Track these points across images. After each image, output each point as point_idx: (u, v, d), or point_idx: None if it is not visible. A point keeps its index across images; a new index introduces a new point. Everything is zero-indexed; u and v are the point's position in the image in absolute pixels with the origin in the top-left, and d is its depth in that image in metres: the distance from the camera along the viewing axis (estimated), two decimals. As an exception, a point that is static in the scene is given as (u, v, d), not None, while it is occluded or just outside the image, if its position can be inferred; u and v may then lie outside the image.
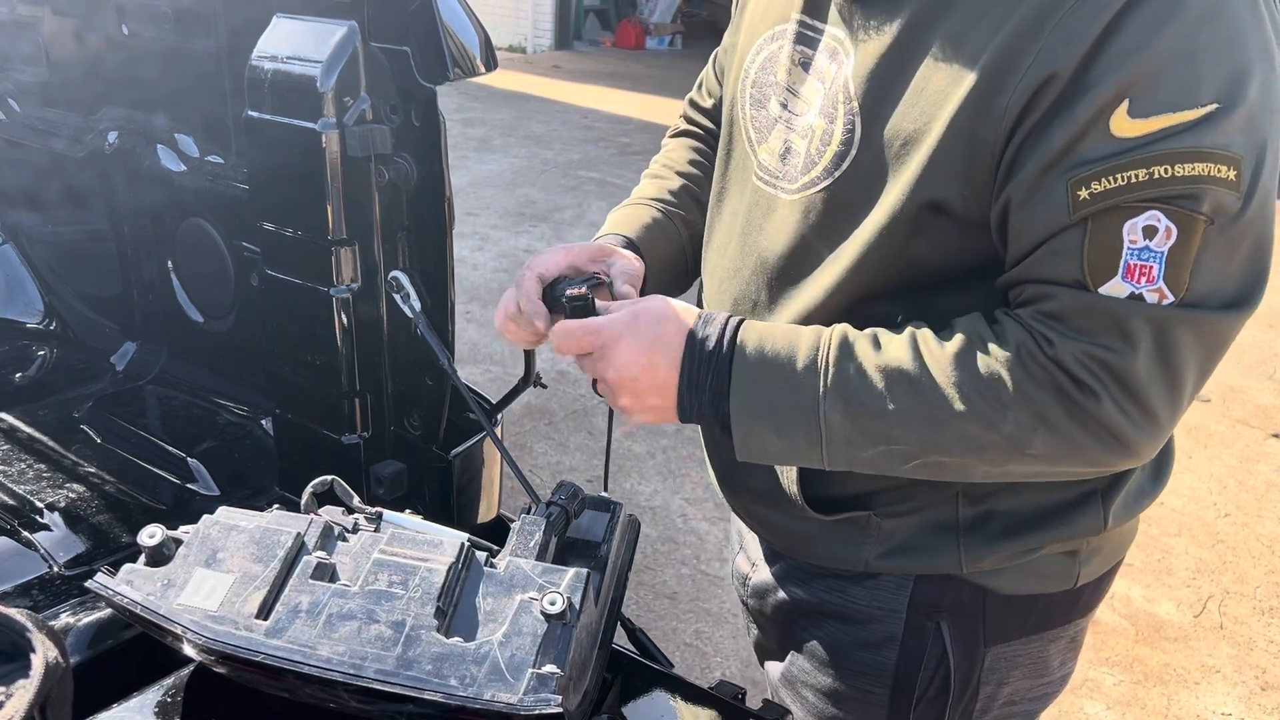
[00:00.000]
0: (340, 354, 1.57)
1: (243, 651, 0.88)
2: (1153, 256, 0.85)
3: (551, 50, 13.50)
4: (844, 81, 1.01)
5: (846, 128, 1.00)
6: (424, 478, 1.63)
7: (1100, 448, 0.93)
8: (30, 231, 2.46)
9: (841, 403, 0.96)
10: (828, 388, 0.97)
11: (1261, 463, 4.09)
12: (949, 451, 0.97)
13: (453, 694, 0.84)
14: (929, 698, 1.19)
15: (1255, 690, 2.88)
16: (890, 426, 0.96)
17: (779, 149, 1.10)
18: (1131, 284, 0.86)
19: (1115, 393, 0.89)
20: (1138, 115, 0.83)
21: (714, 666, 2.82)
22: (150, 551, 0.96)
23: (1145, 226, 0.85)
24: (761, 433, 1.00)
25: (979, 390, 0.93)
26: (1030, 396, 0.91)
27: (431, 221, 1.47)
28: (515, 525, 1.02)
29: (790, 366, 0.98)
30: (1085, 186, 0.85)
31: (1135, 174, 0.83)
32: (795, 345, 0.99)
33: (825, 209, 1.03)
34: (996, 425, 0.93)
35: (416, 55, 1.37)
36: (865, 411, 0.96)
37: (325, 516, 1.00)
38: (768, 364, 0.99)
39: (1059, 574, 1.15)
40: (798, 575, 1.25)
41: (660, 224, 1.31)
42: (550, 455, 3.81)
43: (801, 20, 1.09)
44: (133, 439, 1.99)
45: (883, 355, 0.96)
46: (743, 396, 1.00)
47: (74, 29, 2.12)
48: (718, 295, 1.21)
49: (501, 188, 7.21)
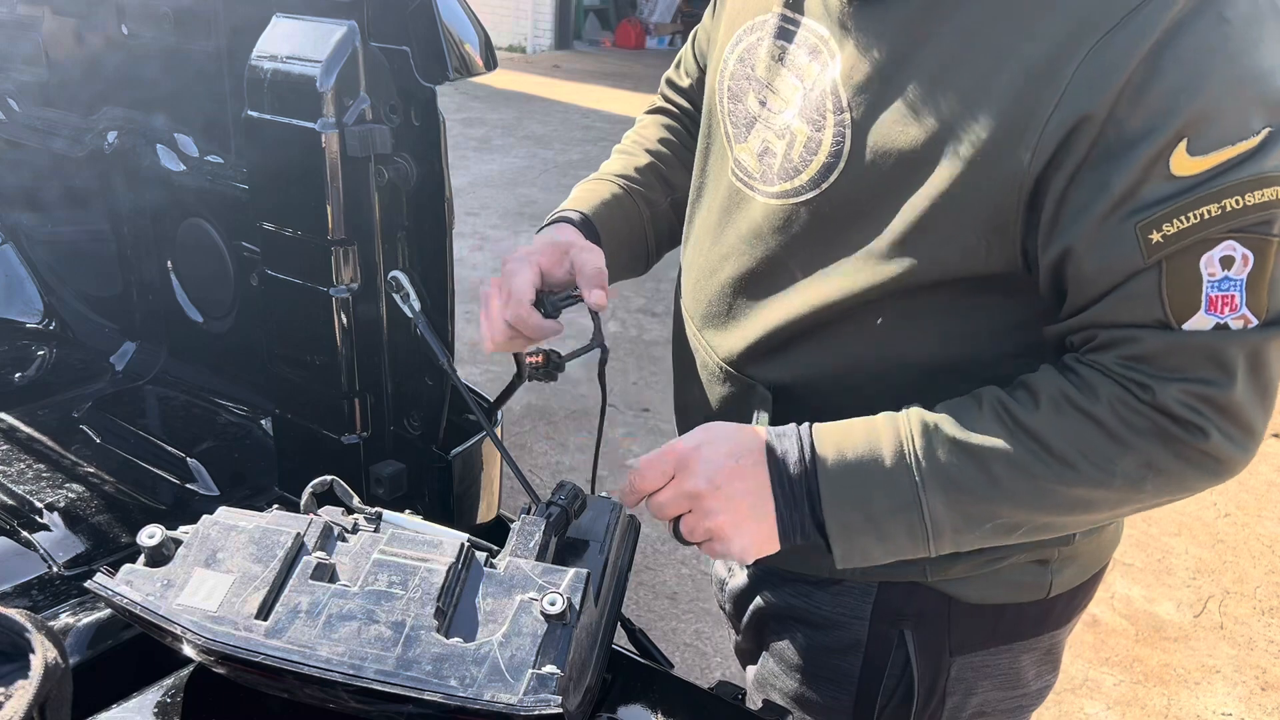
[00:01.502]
0: (340, 354, 1.57)
1: (242, 652, 0.87)
2: (1233, 285, 0.85)
3: (551, 50, 13.51)
4: (831, 86, 0.97)
5: (836, 138, 0.96)
6: (424, 478, 1.63)
7: (1207, 477, 0.93)
8: (30, 231, 2.46)
9: (942, 494, 0.93)
10: (923, 482, 0.93)
11: (1262, 462, 4.09)
12: (1060, 514, 0.96)
13: (452, 694, 0.84)
14: (893, 705, 1.18)
15: (1255, 690, 2.88)
16: (997, 506, 0.94)
17: (757, 148, 1.07)
18: (1216, 315, 0.86)
19: (1221, 424, 0.89)
20: (1197, 153, 0.82)
21: (714, 666, 2.82)
22: (150, 552, 0.95)
23: (1222, 258, 0.84)
24: (863, 542, 0.96)
25: (1082, 453, 0.91)
26: (1136, 448, 0.90)
27: (431, 221, 1.47)
28: (515, 525, 1.02)
29: (879, 468, 0.94)
30: (1157, 229, 0.84)
31: (1208, 210, 0.83)
32: (877, 443, 0.95)
33: (809, 221, 1.01)
34: (1107, 483, 0.92)
35: (416, 55, 1.37)
36: (969, 497, 0.93)
37: (325, 517, 1.00)
38: (854, 471, 0.95)
39: (1029, 583, 1.13)
40: (770, 580, 1.25)
41: (620, 200, 1.29)
42: (550, 455, 3.81)
43: (782, 14, 1.06)
44: (132, 439, 1.99)
45: (972, 435, 0.93)
46: (837, 513, 0.95)
47: (74, 29, 2.11)
48: (693, 295, 1.20)
49: (501, 188, 7.21)
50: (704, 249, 1.17)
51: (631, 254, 1.32)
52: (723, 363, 1.14)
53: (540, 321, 1.10)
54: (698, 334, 1.19)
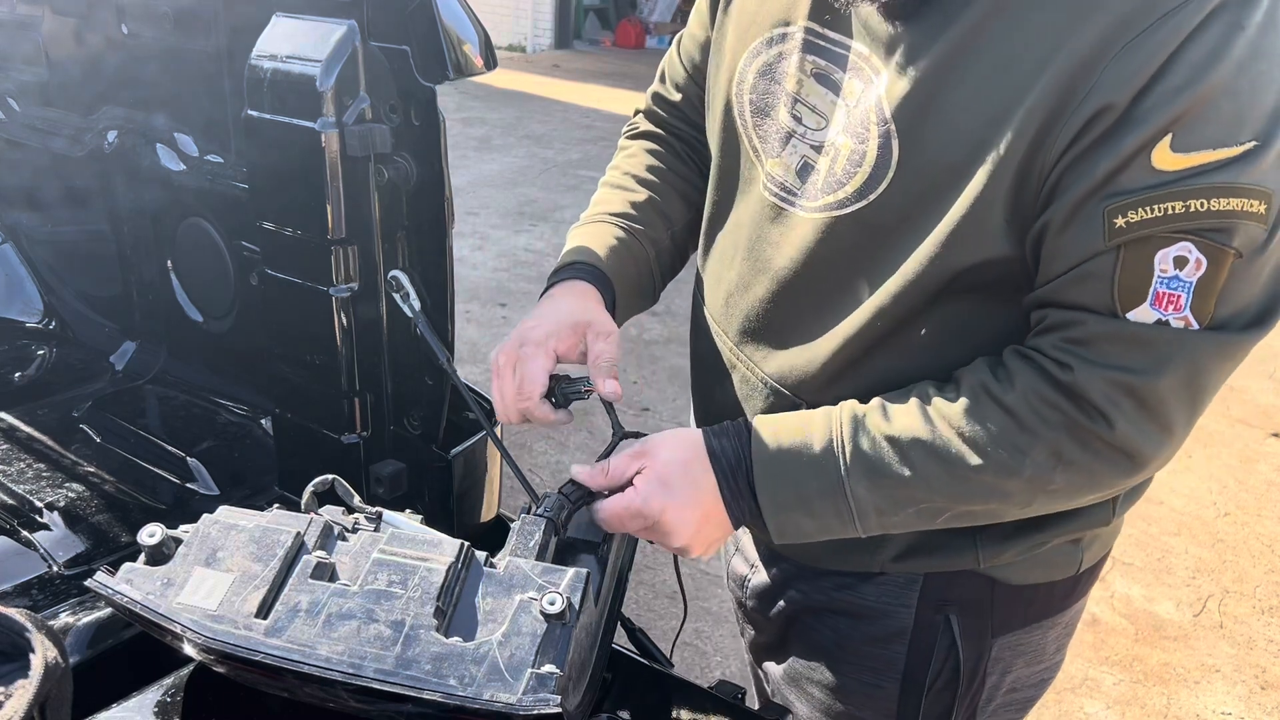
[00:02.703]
0: (340, 353, 1.57)
1: (242, 651, 0.87)
2: (1181, 286, 0.88)
3: (551, 49, 13.50)
4: (875, 102, 0.99)
5: (881, 150, 0.98)
6: (424, 477, 1.63)
7: (1116, 471, 0.97)
8: (30, 231, 2.46)
9: (865, 478, 1.00)
10: (848, 466, 1.00)
11: (1261, 462, 4.09)
12: (976, 502, 1.00)
13: (451, 693, 0.84)
14: (937, 689, 1.20)
15: (1255, 689, 2.88)
16: (915, 490, 0.99)
17: (794, 163, 1.08)
18: (1159, 311, 0.89)
19: (1131, 412, 0.92)
20: (1180, 150, 0.85)
21: (714, 666, 2.82)
22: (150, 550, 0.95)
23: (1176, 257, 0.87)
24: (795, 519, 1.04)
25: (993, 441, 0.96)
26: (1043, 437, 0.94)
27: (431, 221, 1.47)
28: (515, 525, 1.02)
29: (808, 453, 1.02)
30: (1122, 215, 0.87)
31: (1172, 206, 0.85)
32: (808, 430, 1.03)
33: (854, 232, 1.03)
34: (1016, 471, 0.96)
35: (416, 54, 1.37)
36: (888, 481, 0.99)
37: (325, 516, 1.00)
38: (786, 455, 1.03)
39: (1063, 562, 1.17)
40: (803, 575, 1.25)
41: (628, 245, 1.28)
42: (550, 455, 3.81)
43: (809, 28, 1.06)
44: (132, 438, 1.99)
45: (895, 424, 0.99)
46: (770, 491, 1.03)
47: (74, 29, 2.11)
48: (724, 309, 1.20)
49: (501, 187, 7.21)
50: (733, 263, 1.18)
51: (640, 296, 1.32)
52: (769, 378, 1.15)
53: (550, 414, 1.14)
54: (735, 348, 1.20)
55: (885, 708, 1.23)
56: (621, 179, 1.36)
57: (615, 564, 1.09)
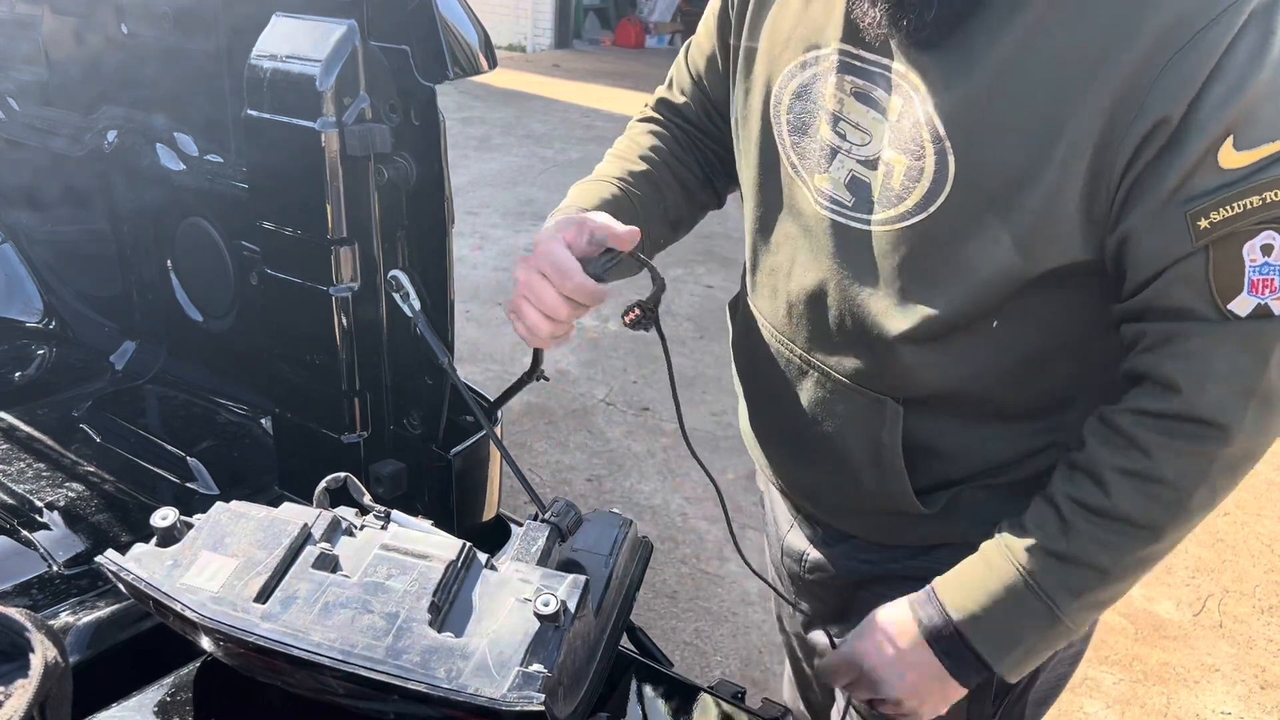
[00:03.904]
0: (340, 353, 1.57)
1: (237, 632, 0.90)
2: (1272, 270, 0.95)
3: (551, 49, 13.50)
4: (926, 119, 1.03)
5: (938, 165, 1.04)
6: (423, 477, 1.63)
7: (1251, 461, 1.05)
8: (30, 231, 2.46)
9: (1074, 601, 1.06)
10: (1056, 604, 1.06)
11: (1262, 462, 4.09)
12: (1166, 554, 1.08)
13: (437, 685, 0.85)
14: None
15: (1255, 689, 2.89)
16: (1116, 584, 1.07)
17: (843, 177, 1.13)
18: (1257, 297, 0.95)
19: (1254, 413, 0.99)
20: (1242, 148, 0.93)
21: (714, 665, 2.82)
22: (161, 533, 0.99)
23: (1263, 245, 0.94)
24: (1030, 661, 1.12)
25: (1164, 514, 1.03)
26: (1199, 485, 1.02)
27: (431, 221, 1.47)
28: (519, 530, 1.03)
29: (1016, 612, 1.08)
30: (1205, 216, 0.94)
31: (1250, 201, 0.93)
32: (1000, 592, 1.08)
33: (918, 243, 1.07)
34: (1190, 519, 1.04)
35: (416, 54, 1.37)
36: (1093, 592, 1.07)
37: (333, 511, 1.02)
38: (999, 626, 1.09)
39: None
40: (869, 549, 1.31)
41: (620, 201, 1.30)
42: (550, 454, 3.81)
43: (844, 49, 1.11)
44: (132, 438, 1.99)
45: (1071, 546, 1.05)
46: (1004, 659, 1.09)
47: (74, 28, 2.11)
48: (786, 320, 1.24)
49: (501, 187, 7.21)
50: (791, 275, 1.22)
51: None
52: (846, 380, 1.19)
53: (595, 285, 1.10)
54: (805, 355, 1.23)
55: None
56: (623, 151, 1.40)
57: (621, 579, 1.09)
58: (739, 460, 3.82)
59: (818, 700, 1.61)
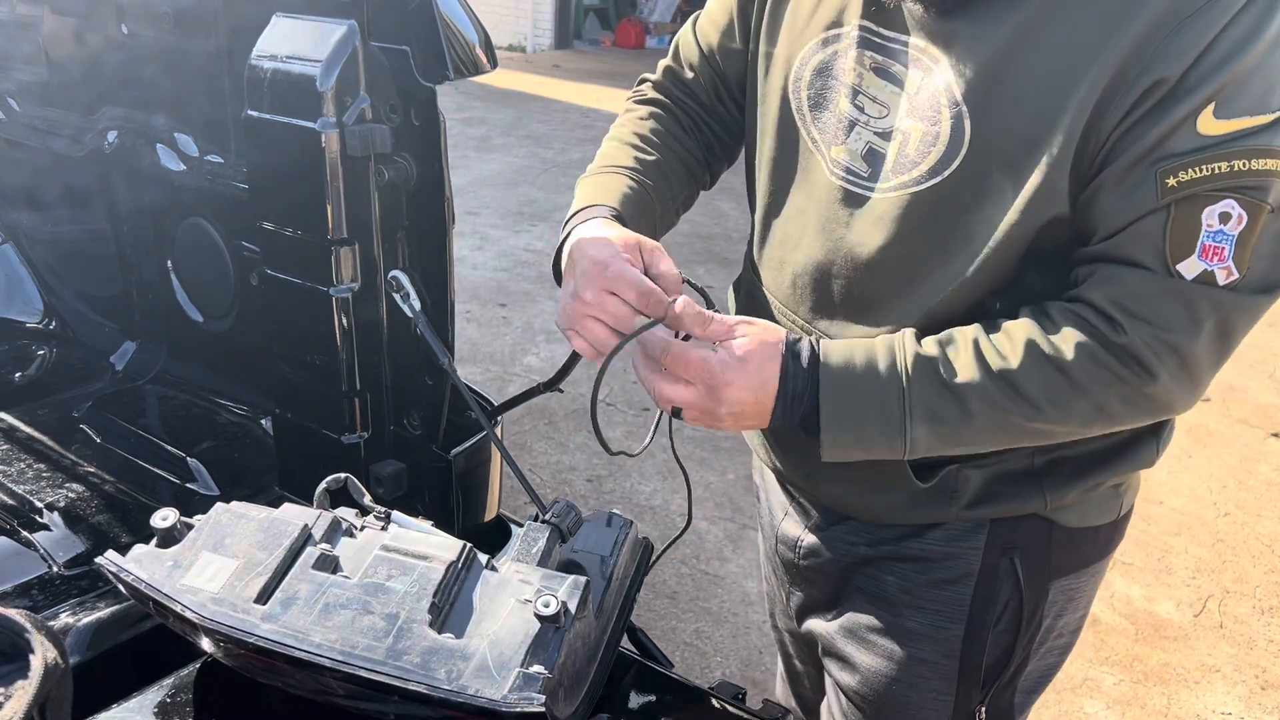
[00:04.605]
0: (340, 354, 1.57)
1: (236, 633, 0.89)
2: (1225, 239, 0.98)
3: (551, 50, 13.51)
4: (945, 87, 1.06)
5: (954, 131, 1.06)
6: (424, 477, 1.63)
7: (1149, 418, 1.10)
8: (30, 231, 2.46)
9: (925, 425, 1.07)
10: (911, 414, 1.07)
11: (1261, 462, 4.09)
12: (1016, 441, 1.12)
13: (437, 686, 0.85)
14: (999, 630, 1.27)
15: (1255, 690, 2.88)
16: (968, 434, 1.09)
17: (859, 149, 1.15)
18: (1205, 262, 0.99)
19: (1174, 369, 1.02)
20: (1222, 117, 0.96)
21: (714, 666, 2.82)
22: (161, 534, 0.99)
23: (1221, 213, 0.97)
24: (849, 451, 1.11)
25: (1048, 398, 1.05)
26: (1093, 394, 1.04)
27: (431, 221, 1.47)
28: (519, 531, 1.03)
29: (874, 400, 1.08)
30: (1174, 175, 0.97)
31: (1218, 166, 0.96)
32: (875, 361, 1.08)
33: (933, 205, 1.09)
34: (1064, 421, 1.07)
35: (416, 54, 1.37)
36: (946, 428, 1.08)
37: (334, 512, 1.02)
38: (852, 401, 1.08)
39: (1109, 506, 1.27)
40: (866, 530, 1.31)
41: (639, 197, 1.30)
42: (550, 455, 3.81)
43: (864, 26, 1.14)
44: (132, 438, 1.99)
45: (957, 375, 1.06)
46: (833, 432, 1.08)
47: (74, 29, 2.11)
48: (790, 291, 1.25)
49: (501, 187, 7.21)
50: (799, 246, 1.23)
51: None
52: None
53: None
54: (807, 325, 1.24)
55: (949, 649, 1.28)
56: (630, 137, 1.39)
57: (622, 580, 1.09)
58: (739, 460, 3.81)
59: (809, 695, 1.61)
